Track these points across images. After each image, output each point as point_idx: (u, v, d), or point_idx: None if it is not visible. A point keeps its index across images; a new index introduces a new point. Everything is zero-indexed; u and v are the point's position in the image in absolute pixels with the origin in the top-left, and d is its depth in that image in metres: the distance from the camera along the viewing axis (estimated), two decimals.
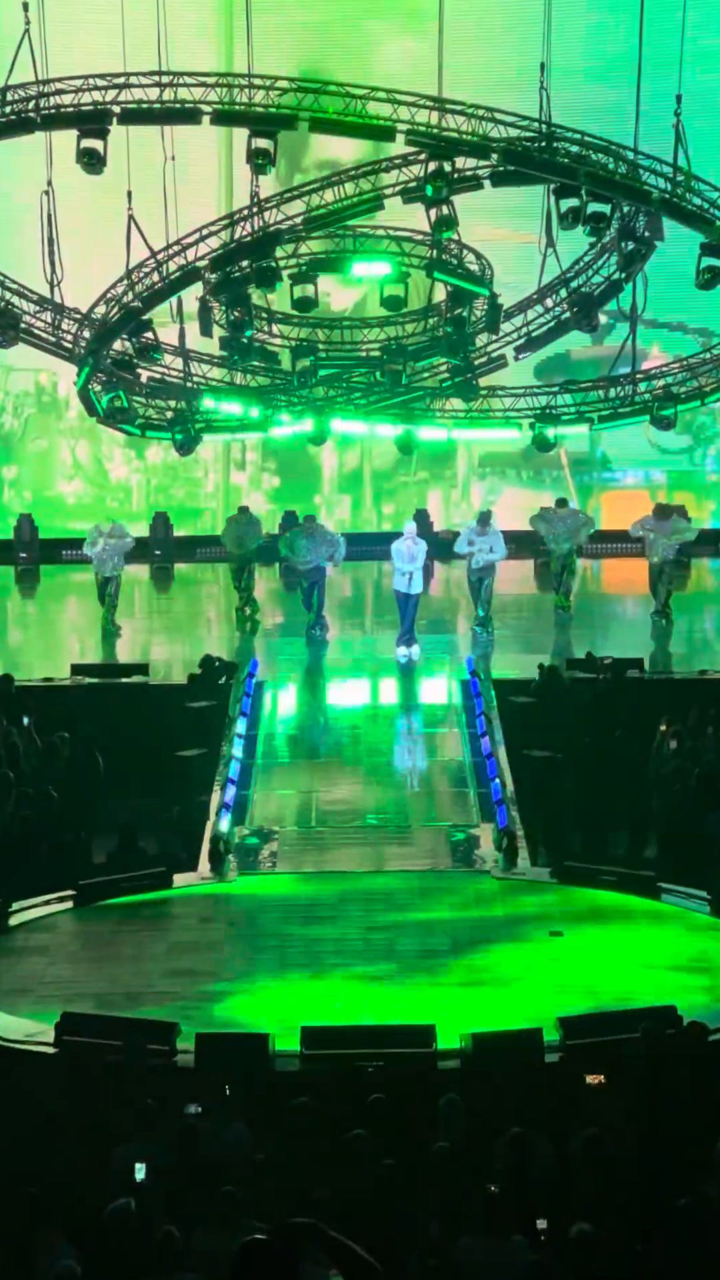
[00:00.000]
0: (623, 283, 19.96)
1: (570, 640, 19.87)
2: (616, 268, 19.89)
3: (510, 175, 18.13)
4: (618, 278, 19.99)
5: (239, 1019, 10.89)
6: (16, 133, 17.76)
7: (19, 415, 26.65)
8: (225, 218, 20.20)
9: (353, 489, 27.02)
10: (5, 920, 12.83)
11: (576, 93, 21.37)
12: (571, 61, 22.22)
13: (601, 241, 19.64)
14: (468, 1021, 10.57)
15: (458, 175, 17.96)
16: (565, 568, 20.92)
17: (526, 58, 19.26)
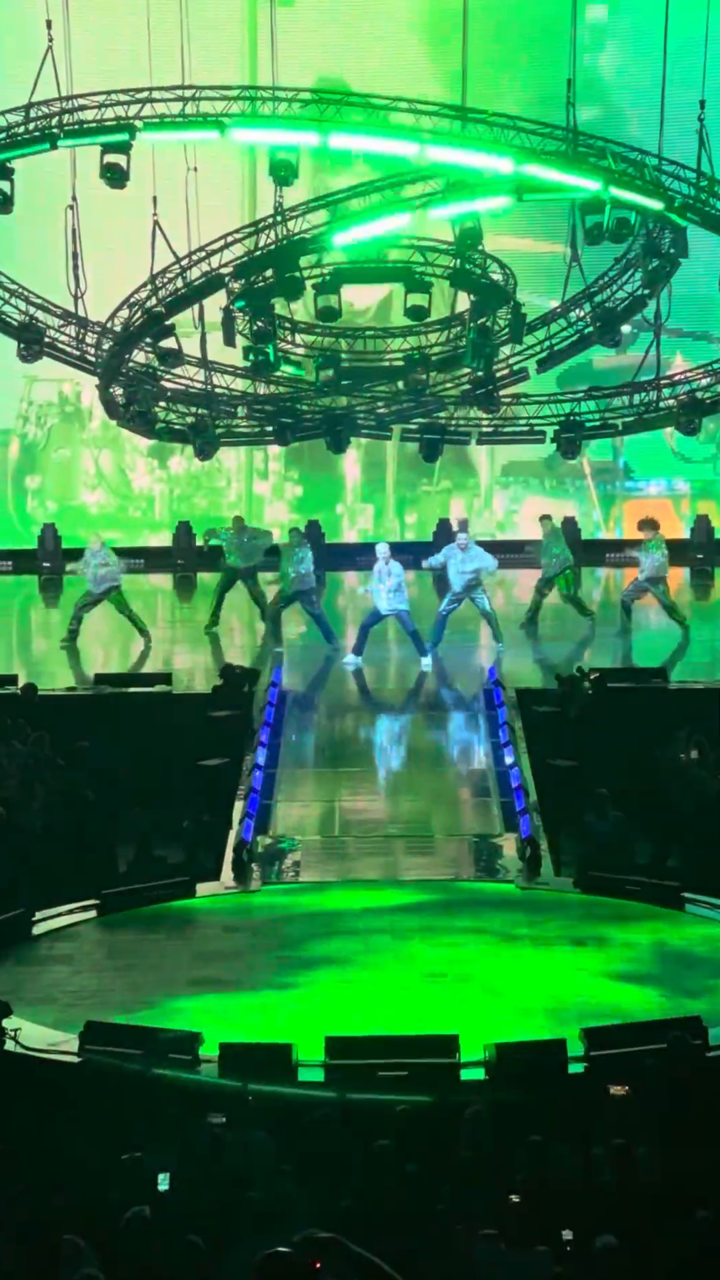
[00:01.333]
0: (646, 299, 19.95)
1: (594, 650, 19.84)
2: (641, 284, 19.89)
3: (535, 187, 18.15)
4: (642, 294, 20.00)
5: (262, 1029, 10.88)
6: (41, 148, 17.87)
7: (42, 425, 26.76)
8: (250, 225, 20.27)
9: (375, 498, 27.05)
10: (30, 929, 12.86)
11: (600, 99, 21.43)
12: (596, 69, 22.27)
13: (626, 257, 19.67)
14: (491, 1032, 10.55)
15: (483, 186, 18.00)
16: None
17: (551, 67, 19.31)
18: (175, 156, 19.15)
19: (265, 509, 27.13)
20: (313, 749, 17.17)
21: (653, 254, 19.26)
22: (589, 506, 26.69)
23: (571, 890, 13.61)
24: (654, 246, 19.25)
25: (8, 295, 20.36)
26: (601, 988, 11.69)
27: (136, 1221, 7.91)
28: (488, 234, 18.73)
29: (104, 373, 19.80)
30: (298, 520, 25.95)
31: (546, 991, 11.61)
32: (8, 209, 18.06)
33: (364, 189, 19.53)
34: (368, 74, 24.04)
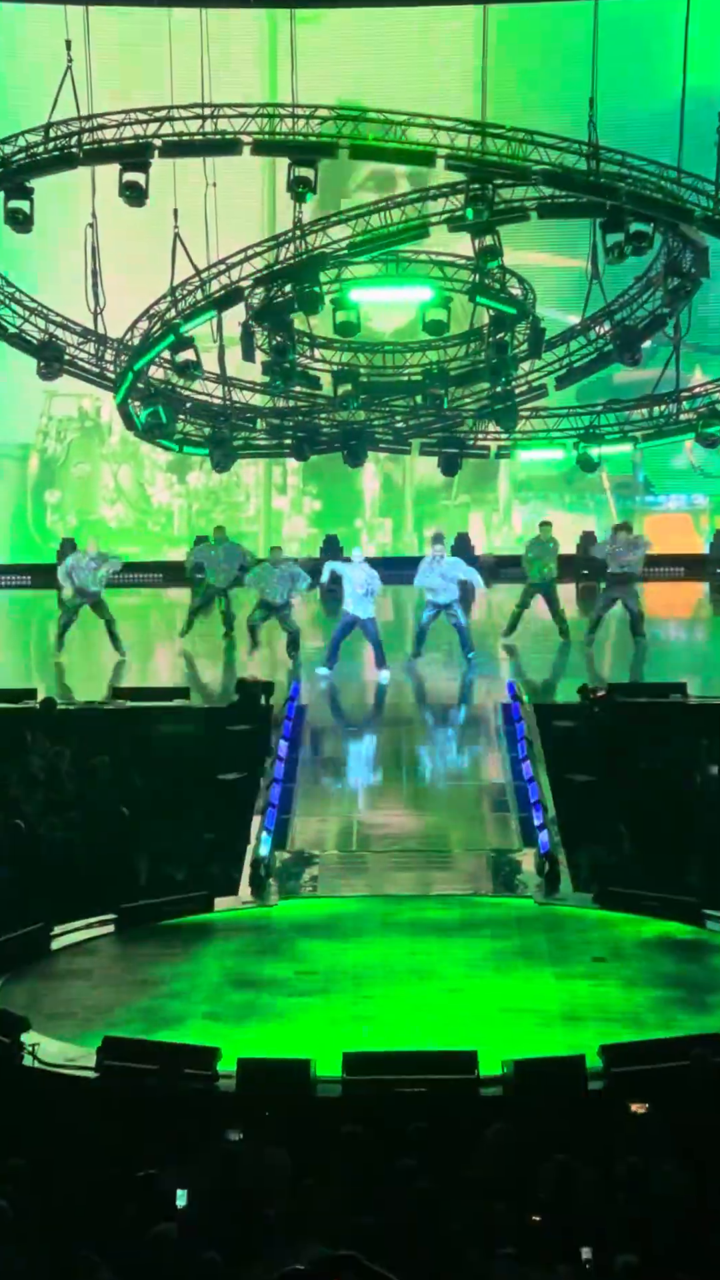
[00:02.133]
0: (667, 318, 19.95)
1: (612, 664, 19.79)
2: (661, 302, 19.89)
3: (557, 207, 18.22)
4: (662, 312, 19.99)
5: (280, 1044, 10.86)
6: (60, 168, 17.96)
7: (62, 440, 26.85)
8: (270, 239, 20.33)
9: (394, 512, 27.06)
10: (48, 944, 12.86)
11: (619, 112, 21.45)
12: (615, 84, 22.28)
13: (647, 275, 19.69)
14: (510, 1048, 10.51)
15: (504, 205, 18.05)
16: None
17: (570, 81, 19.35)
18: (195, 172, 19.22)
19: (284, 523, 27.16)
20: (331, 763, 17.15)
21: (674, 273, 19.27)
22: (608, 521, 26.62)
23: (590, 906, 13.56)
24: (675, 265, 19.26)
25: (27, 314, 20.45)
26: (621, 1004, 11.64)
27: (160, 1240, 7.89)
28: (507, 249, 18.76)
29: (120, 384, 19.84)
30: (316, 534, 26.00)
31: (565, 1008, 11.56)
32: (27, 228, 18.14)
33: (384, 204, 19.58)
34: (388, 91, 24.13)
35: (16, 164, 17.98)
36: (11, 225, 18.21)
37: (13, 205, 18.06)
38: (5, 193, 18.12)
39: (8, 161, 18.00)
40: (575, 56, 20.33)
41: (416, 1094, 9.86)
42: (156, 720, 16.90)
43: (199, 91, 18.08)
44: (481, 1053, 10.21)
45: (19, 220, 18.06)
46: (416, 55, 25.52)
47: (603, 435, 20.99)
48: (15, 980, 12.20)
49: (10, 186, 18.02)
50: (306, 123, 17.79)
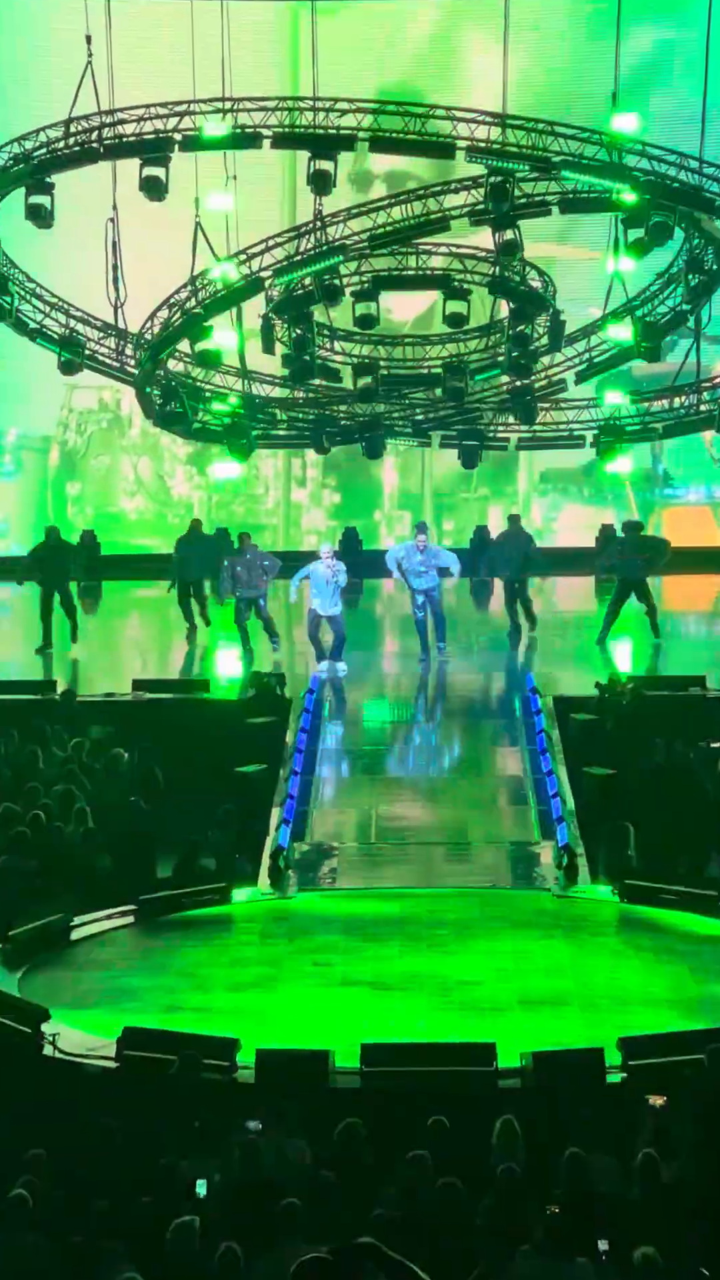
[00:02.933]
0: (688, 314, 19.89)
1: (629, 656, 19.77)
2: (683, 299, 19.84)
3: (578, 202, 18.17)
4: (683, 308, 19.94)
5: (299, 1035, 10.89)
6: (81, 163, 17.96)
7: (83, 432, 26.91)
8: (291, 229, 20.33)
9: (413, 505, 27.06)
10: (68, 935, 12.92)
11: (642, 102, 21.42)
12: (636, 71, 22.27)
13: (669, 271, 19.64)
14: (529, 1040, 10.52)
15: (525, 200, 18.02)
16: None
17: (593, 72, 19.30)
18: (215, 164, 19.22)
19: (303, 516, 27.20)
20: (349, 756, 17.17)
21: (695, 269, 19.22)
22: (627, 514, 26.59)
23: (609, 898, 13.56)
24: (697, 262, 19.21)
25: (48, 309, 20.49)
26: (639, 997, 11.64)
27: (184, 1231, 7.93)
28: (527, 241, 18.73)
29: (140, 371, 19.83)
30: (335, 526, 26.01)
31: (584, 1000, 11.57)
32: (48, 224, 18.15)
33: (405, 197, 19.57)
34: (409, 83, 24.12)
35: (38, 159, 17.99)
36: (33, 220, 18.23)
37: (34, 200, 18.08)
38: (26, 188, 18.14)
39: (29, 157, 18.02)
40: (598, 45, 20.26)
41: (435, 1086, 9.87)
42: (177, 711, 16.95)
43: (220, 86, 18.06)
44: (500, 1045, 10.23)
45: (40, 215, 18.07)
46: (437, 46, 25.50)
47: (623, 428, 20.94)
48: (36, 971, 12.25)
49: (32, 182, 18.03)
50: (327, 116, 17.77)
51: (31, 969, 12.25)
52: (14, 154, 18.20)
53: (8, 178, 18.21)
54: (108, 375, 21.11)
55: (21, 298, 20.23)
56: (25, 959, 12.37)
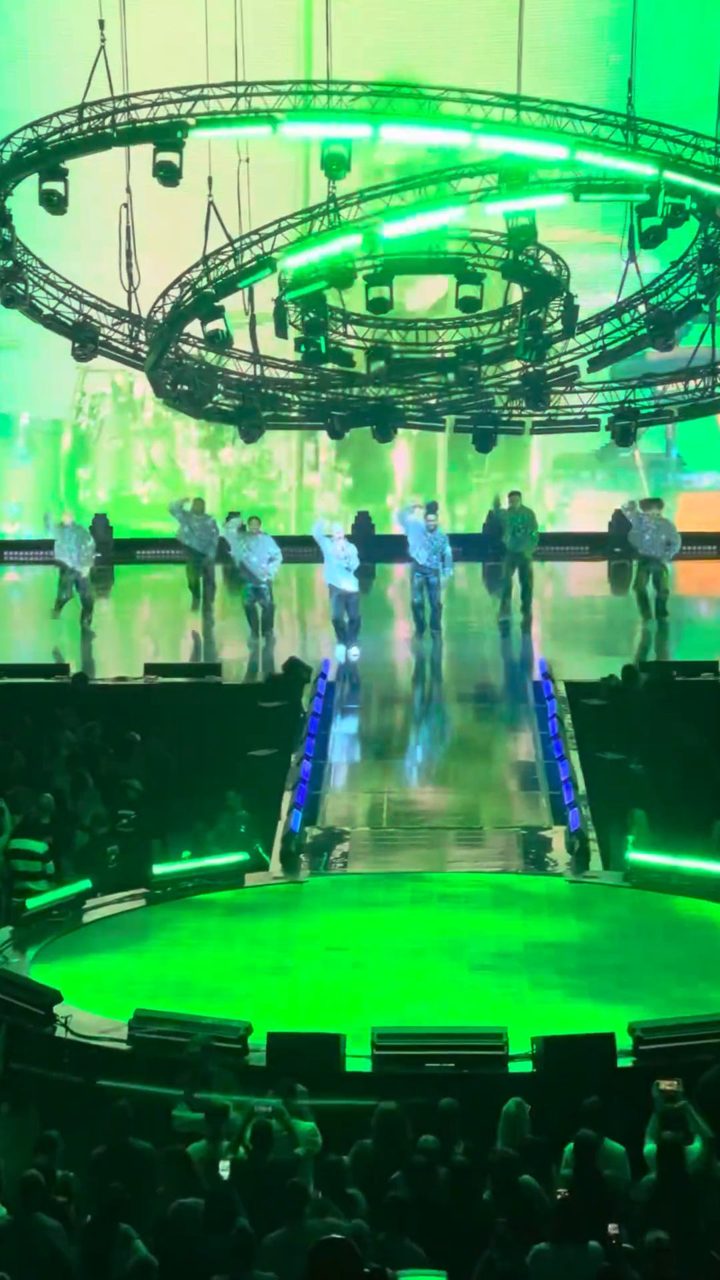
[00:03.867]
0: (702, 304, 19.83)
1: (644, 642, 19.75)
2: (697, 288, 19.77)
3: (591, 188, 18.11)
4: (697, 298, 19.88)
5: (310, 1019, 10.92)
6: (95, 149, 17.91)
7: (95, 416, 26.93)
8: (304, 211, 20.28)
9: (425, 489, 27.04)
10: (80, 917, 12.96)
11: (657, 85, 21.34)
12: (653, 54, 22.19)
13: (683, 260, 19.59)
14: (539, 1025, 10.54)
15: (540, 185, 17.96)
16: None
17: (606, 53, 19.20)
18: (228, 148, 19.18)
19: (315, 500, 27.19)
20: (361, 740, 17.19)
21: (710, 259, 19.15)
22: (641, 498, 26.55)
23: (621, 884, 13.57)
24: (711, 251, 19.14)
25: (61, 295, 20.48)
26: (650, 982, 11.64)
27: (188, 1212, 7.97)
28: (541, 225, 18.67)
29: (152, 350, 19.79)
30: (348, 511, 25.99)
31: (595, 986, 11.58)
32: (62, 210, 18.11)
33: (418, 180, 19.51)
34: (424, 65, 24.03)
35: (51, 145, 17.95)
36: (46, 207, 18.19)
37: (47, 187, 18.03)
38: (40, 174, 18.10)
39: (42, 143, 17.97)
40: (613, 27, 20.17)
41: (446, 1070, 9.90)
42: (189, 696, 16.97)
43: (233, 70, 18.01)
44: (511, 1030, 10.24)
45: (54, 202, 18.03)
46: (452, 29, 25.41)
47: (638, 411, 20.90)
48: (48, 953, 12.29)
49: (45, 168, 17.99)
50: (340, 99, 17.70)
51: (44, 951, 12.30)
52: (27, 140, 18.17)
53: (21, 164, 18.17)
54: (121, 361, 21.10)
55: (35, 284, 20.22)
56: (37, 941, 12.42)
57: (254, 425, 20.60)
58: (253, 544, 19.48)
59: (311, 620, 21.13)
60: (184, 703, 16.94)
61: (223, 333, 19.20)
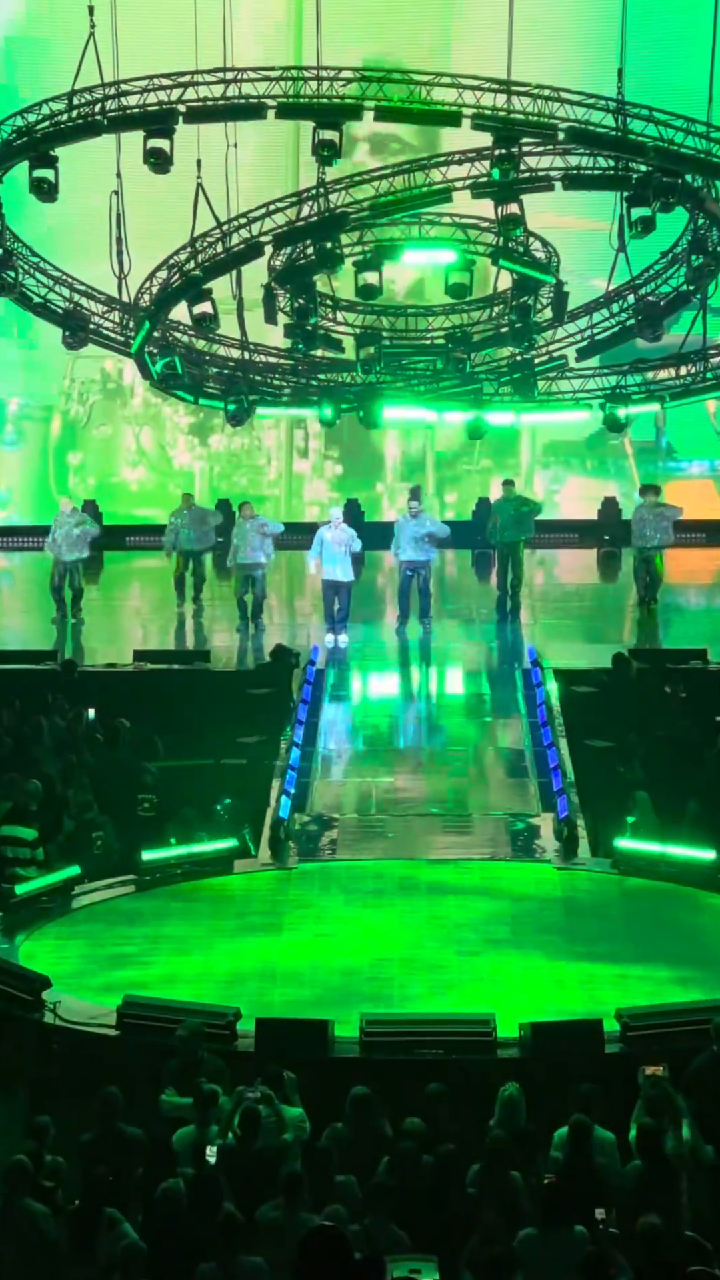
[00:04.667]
0: (691, 295, 19.83)
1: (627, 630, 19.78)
2: (685, 280, 19.76)
3: (582, 179, 18.08)
4: (686, 289, 19.87)
5: (299, 1005, 10.94)
6: (84, 136, 17.83)
7: (84, 402, 26.86)
8: (292, 195, 20.22)
9: (415, 476, 27.02)
10: (69, 903, 12.97)
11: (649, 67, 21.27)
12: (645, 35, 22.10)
13: (673, 252, 19.57)
14: (527, 1011, 10.57)
15: (530, 174, 17.92)
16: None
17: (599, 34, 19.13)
18: (217, 132, 19.10)
19: (305, 487, 27.17)
20: (350, 727, 17.20)
21: (699, 251, 19.14)
22: (630, 487, 26.56)
23: (609, 870, 13.60)
24: (701, 243, 19.12)
25: (52, 283, 20.42)
26: (638, 968, 11.68)
27: (171, 1195, 8.00)
28: (531, 211, 18.64)
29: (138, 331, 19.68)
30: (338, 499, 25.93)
31: (583, 972, 11.61)
32: (52, 197, 18.03)
33: (407, 166, 19.47)
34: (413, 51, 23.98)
35: (41, 133, 17.86)
36: (36, 195, 18.09)
37: (38, 174, 17.92)
38: (30, 161, 18.01)
39: (32, 130, 17.88)
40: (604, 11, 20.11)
41: (434, 1055, 9.93)
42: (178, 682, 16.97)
43: (223, 56, 17.93)
44: (499, 1015, 10.27)
45: (44, 189, 17.93)
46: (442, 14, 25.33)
47: (629, 396, 20.90)
48: (37, 939, 12.30)
49: (35, 155, 17.90)
50: (331, 85, 17.65)
51: (33, 937, 12.30)
52: (17, 127, 18.08)
53: (11, 151, 18.09)
54: (113, 350, 21.04)
55: (25, 272, 20.15)
56: (26, 927, 12.42)
57: (241, 408, 20.55)
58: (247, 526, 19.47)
59: (301, 608, 21.12)
60: (173, 689, 16.95)
61: (210, 316, 19.12)
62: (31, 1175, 8.19)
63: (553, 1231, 7.77)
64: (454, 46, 24.14)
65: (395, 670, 19.00)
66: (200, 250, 19.03)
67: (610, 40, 18.78)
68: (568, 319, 20.49)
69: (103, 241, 19.16)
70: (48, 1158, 8.60)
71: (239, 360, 20.85)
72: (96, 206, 19.41)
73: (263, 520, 19.92)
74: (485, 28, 23.06)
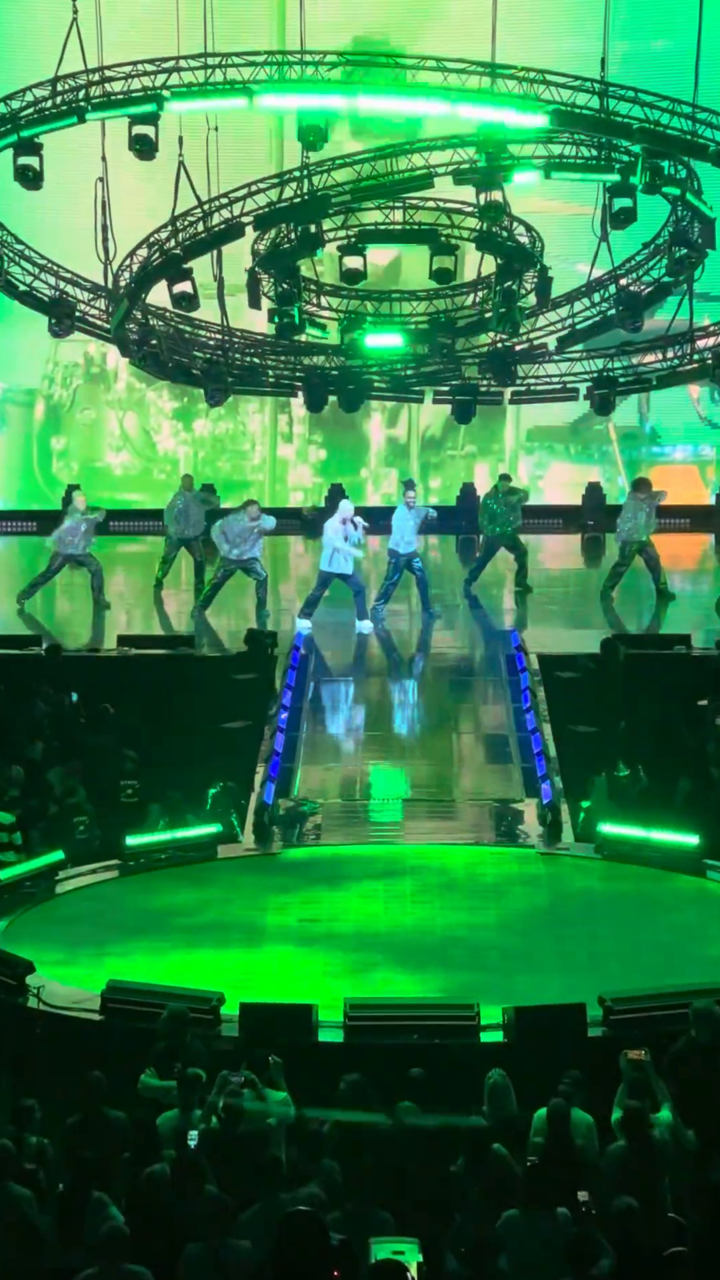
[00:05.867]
0: (672, 286, 19.84)
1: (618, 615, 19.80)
2: (666, 271, 19.78)
3: (564, 166, 18.08)
4: (667, 281, 19.89)
5: (283, 989, 10.96)
6: (68, 123, 17.74)
7: (68, 386, 26.76)
8: (274, 176, 20.15)
9: (399, 462, 27.00)
10: (52, 888, 12.96)
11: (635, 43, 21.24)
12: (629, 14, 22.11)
13: (655, 243, 19.58)
14: (511, 995, 10.60)
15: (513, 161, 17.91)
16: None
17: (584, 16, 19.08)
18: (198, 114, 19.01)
19: (289, 472, 27.12)
20: (335, 712, 17.21)
21: (681, 243, 19.15)
22: (614, 472, 26.59)
23: (593, 856, 13.64)
24: (683, 235, 19.13)
25: (37, 270, 20.33)
26: (621, 953, 11.72)
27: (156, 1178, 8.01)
28: (516, 196, 18.63)
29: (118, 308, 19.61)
30: (322, 484, 25.92)
31: (566, 956, 11.65)
32: (37, 185, 17.94)
33: (389, 150, 19.43)
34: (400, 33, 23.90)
35: (25, 120, 17.77)
36: (21, 182, 18.02)
37: (22, 162, 17.85)
38: (14, 149, 17.91)
39: (15, 117, 17.79)
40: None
41: (417, 1040, 9.95)
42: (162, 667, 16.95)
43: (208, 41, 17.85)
44: (483, 1000, 10.30)
45: (29, 177, 17.85)
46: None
47: (616, 380, 20.90)
48: (20, 923, 12.30)
49: (19, 143, 17.80)
50: (315, 70, 17.59)
51: (16, 921, 12.30)
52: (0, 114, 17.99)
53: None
54: (98, 337, 20.98)
55: (10, 260, 20.07)
56: (10, 911, 12.42)
57: (220, 388, 20.50)
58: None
59: (285, 592, 21.09)
60: (157, 674, 16.93)
61: (190, 295, 19.02)
62: (15, 1159, 8.20)
63: (535, 1213, 7.81)
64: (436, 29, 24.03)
65: (380, 655, 18.99)
66: (181, 229, 18.95)
67: (595, 22, 18.75)
68: (550, 307, 20.49)
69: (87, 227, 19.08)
70: (33, 1139, 8.61)
71: (219, 341, 20.80)
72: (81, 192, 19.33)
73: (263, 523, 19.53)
74: (469, 10, 23.01)
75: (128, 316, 19.64)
